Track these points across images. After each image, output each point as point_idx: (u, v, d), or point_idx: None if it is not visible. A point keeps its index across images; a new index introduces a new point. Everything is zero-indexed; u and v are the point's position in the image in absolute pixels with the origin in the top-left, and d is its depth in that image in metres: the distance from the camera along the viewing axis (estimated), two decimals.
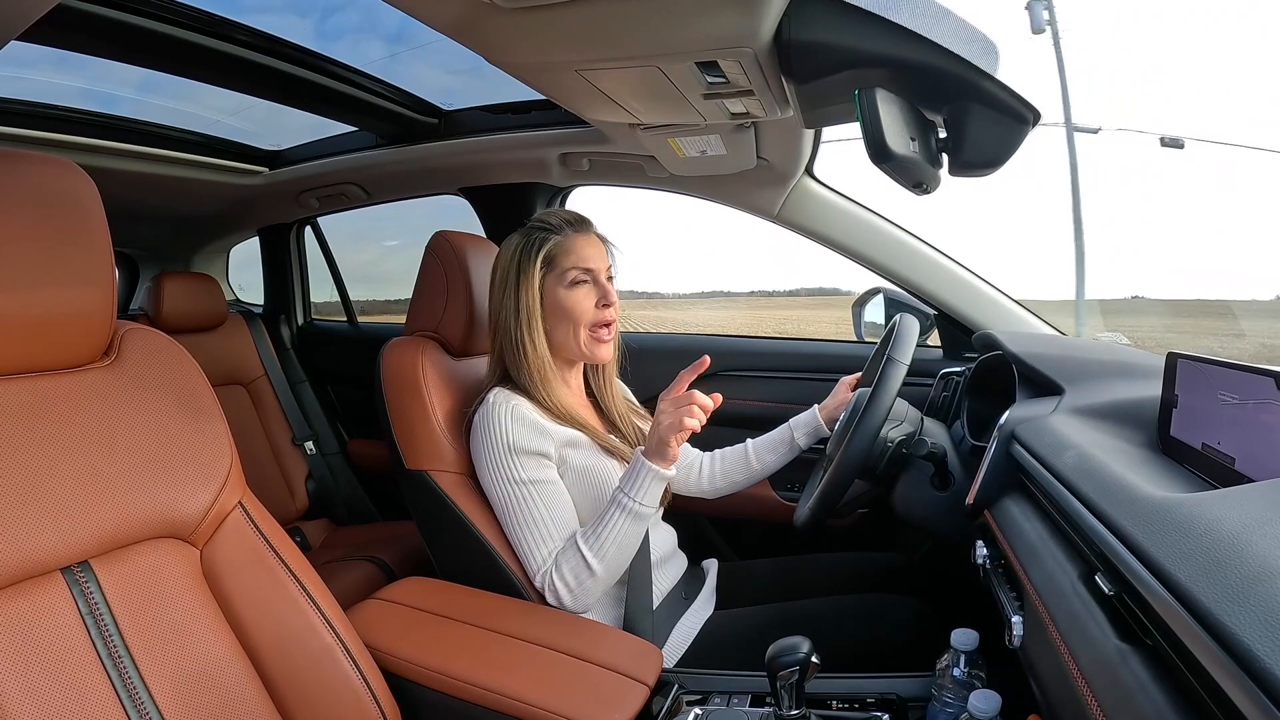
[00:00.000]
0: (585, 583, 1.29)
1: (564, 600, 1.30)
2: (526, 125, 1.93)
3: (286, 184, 2.50)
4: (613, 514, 1.29)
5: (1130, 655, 0.61)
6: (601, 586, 1.30)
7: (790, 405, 1.91)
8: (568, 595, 1.30)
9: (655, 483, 1.29)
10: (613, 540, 1.28)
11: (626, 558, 1.32)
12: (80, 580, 0.84)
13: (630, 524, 1.28)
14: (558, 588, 1.29)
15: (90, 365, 0.93)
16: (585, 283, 1.42)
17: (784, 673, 0.94)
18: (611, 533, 1.28)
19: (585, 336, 1.43)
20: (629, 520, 1.28)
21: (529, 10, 1.01)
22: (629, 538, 1.29)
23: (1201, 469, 0.82)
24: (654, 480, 1.29)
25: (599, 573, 1.28)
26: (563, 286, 1.41)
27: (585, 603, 1.31)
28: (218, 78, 1.70)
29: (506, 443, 1.32)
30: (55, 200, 0.86)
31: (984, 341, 1.62)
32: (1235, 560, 0.50)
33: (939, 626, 1.14)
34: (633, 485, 1.29)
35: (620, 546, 1.29)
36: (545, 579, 1.31)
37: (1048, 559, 0.85)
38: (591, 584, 1.29)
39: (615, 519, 1.28)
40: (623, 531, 1.28)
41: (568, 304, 1.41)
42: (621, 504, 1.29)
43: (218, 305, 2.65)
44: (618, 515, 1.28)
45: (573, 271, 1.41)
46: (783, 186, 1.88)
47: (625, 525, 1.28)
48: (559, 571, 1.30)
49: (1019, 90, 0.97)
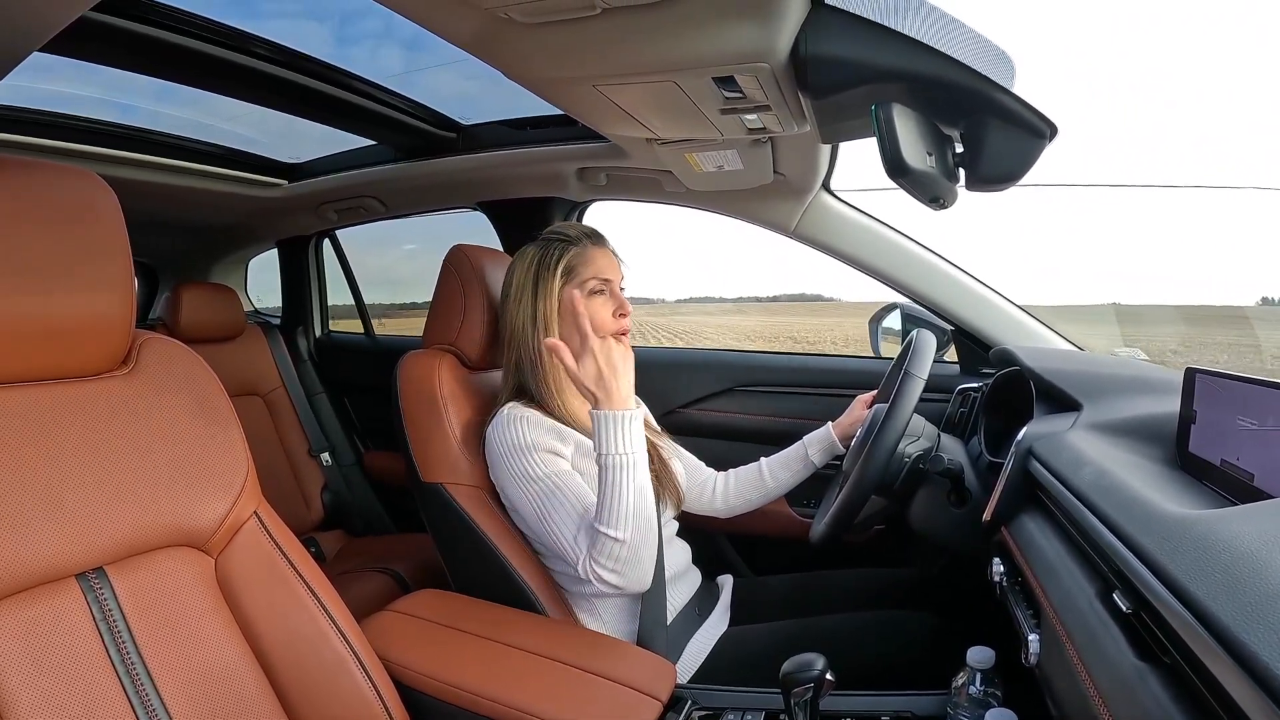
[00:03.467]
0: (622, 556, 1.23)
1: (613, 582, 1.25)
2: (544, 140, 1.94)
3: (305, 196, 2.52)
4: (608, 479, 1.23)
5: (1148, 674, 0.60)
6: (639, 554, 1.25)
7: (805, 420, 1.91)
8: (613, 576, 1.25)
9: (629, 422, 1.23)
10: (623, 502, 1.22)
11: (647, 514, 1.25)
12: (95, 586, 0.84)
13: (629, 478, 1.22)
14: (601, 573, 1.25)
15: (108, 373, 0.94)
16: (603, 293, 1.43)
17: (798, 689, 0.94)
18: (618, 496, 1.22)
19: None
20: (626, 475, 1.22)
21: (547, 25, 1.01)
22: (637, 491, 1.24)
23: (1220, 485, 0.81)
24: (626, 421, 1.23)
25: (627, 539, 1.22)
26: (583, 297, 1.41)
27: (635, 576, 1.26)
28: (237, 90, 1.71)
29: (523, 443, 1.32)
30: (76, 210, 0.87)
31: (1001, 357, 1.61)
32: (1254, 577, 0.50)
33: (955, 644, 1.13)
34: (609, 439, 1.23)
35: (634, 505, 1.23)
36: (586, 568, 1.26)
37: (1065, 576, 0.84)
38: (628, 555, 1.23)
39: (613, 480, 1.22)
40: (626, 488, 1.22)
41: (588, 313, 1.41)
42: (609, 464, 1.23)
43: (236, 316, 2.68)
44: (612, 475, 1.22)
45: (592, 281, 1.43)
46: (800, 201, 1.88)
47: (625, 481, 1.22)
48: (596, 561, 1.25)
49: (1035, 104, 0.97)
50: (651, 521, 1.26)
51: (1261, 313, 6.72)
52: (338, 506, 2.80)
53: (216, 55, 1.48)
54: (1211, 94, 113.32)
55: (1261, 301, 12.62)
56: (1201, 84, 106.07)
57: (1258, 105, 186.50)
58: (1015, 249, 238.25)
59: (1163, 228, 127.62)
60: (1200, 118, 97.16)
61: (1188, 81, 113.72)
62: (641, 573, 1.26)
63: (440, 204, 2.48)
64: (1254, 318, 4.76)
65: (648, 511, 1.25)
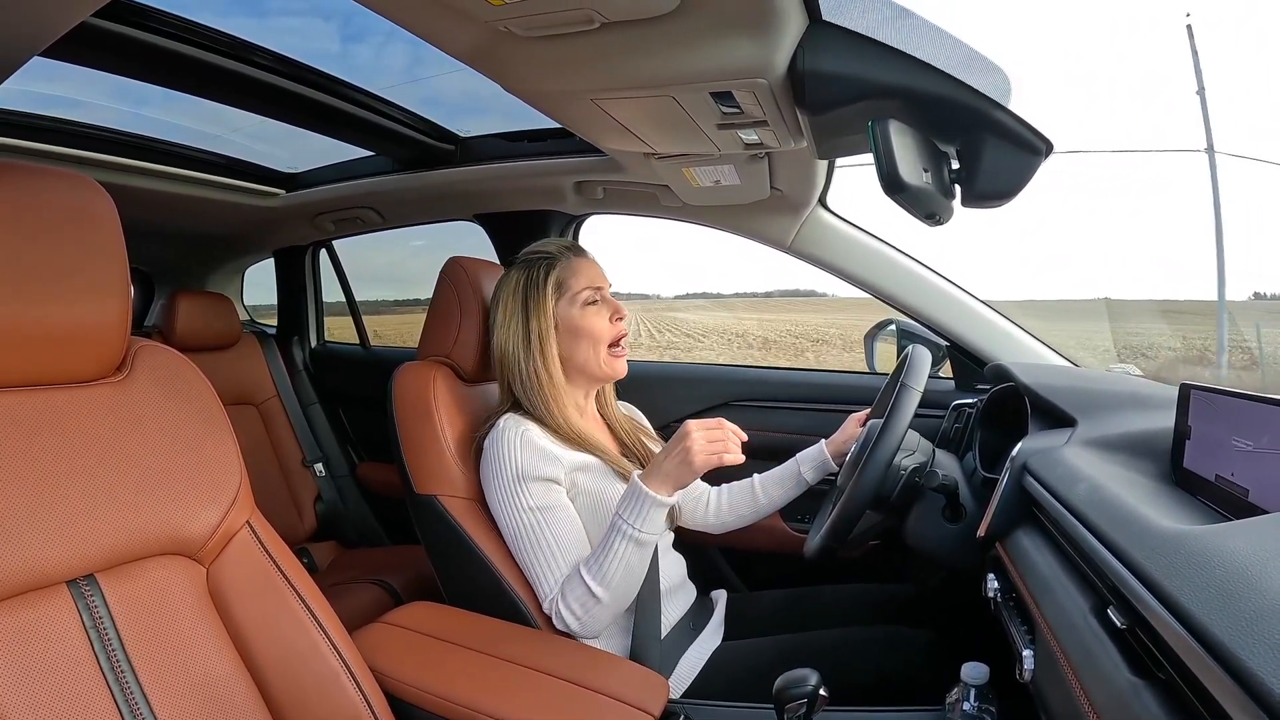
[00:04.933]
0: (592, 610, 1.27)
1: (572, 628, 1.29)
2: (542, 153, 1.95)
3: (302, 206, 2.52)
4: (614, 541, 1.26)
5: (1143, 690, 0.60)
6: (610, 613, 1.29)
7: (800, 435, 1.91)
8: (575, 623, 1.28)
9: (656, 510, 1.25)
10: (616, 568, 1.25)
11: (634, 583, 1.29)
12: (86, 594, 0.84)
13: (633, 551, 1.25)
14: (565, 616, 1.28)
15: (103, 380, 0.94)
16: (596, 302, 1.44)
17: (792, 705, 0.93)
18: (615, 560, 1.25)
19: (605, 354, 1.45)
20: (631, 547, 1.25)
21: (545, 39, 1.02)
22: (634, 564, 1.27)
23: (1215, 500, 0.81)
24: (654, 508, 1.24)
25: (605, 600, 1.26)
26: (576, 308, 1.43)
27: (595, 629, 1.30)
28: (237, 99, 1.72)
29: (515, 471, 1.32)
30: (73, 215, 0.86)
31: (996, 373, 1.62)
32: (1249, 592, 0.50)
33: (950, 659, 1.13)
34: (632, 513, 1.25)
35: (625, 573, 1.26)
36: (553, 606, 1.30)
37: (1060, 592, 0.84)
38: (599, 611, 1.27)
39: (617, 546, 1.25)
40: (626, 559, 1.25)
41: (585, 324, 1.43)
42: (622, 531, 1.25)
43: (232, 325, 2.67)
44: (619, 543, 1.25)
45: (585, 291, 1.44)
46: (796, 217, 1.88)
47: (628, 552, 1.25)
48: (565, 600, 1.28)
49: (1032, 121, 0.98)
50: (631, 596, 1.31)
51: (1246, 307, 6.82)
52: (331, 517, 2.79)
53: (216, 64, 1.48)
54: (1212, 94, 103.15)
55: (1254, 296, 12.73)
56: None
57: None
58: (1013, 246, 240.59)
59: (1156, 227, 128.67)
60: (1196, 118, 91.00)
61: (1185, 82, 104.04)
62: (598, 628, 1.31)
63: (437, 216, 2.48)
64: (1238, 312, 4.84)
65: (634, 587, 1.30)
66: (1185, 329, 8.08)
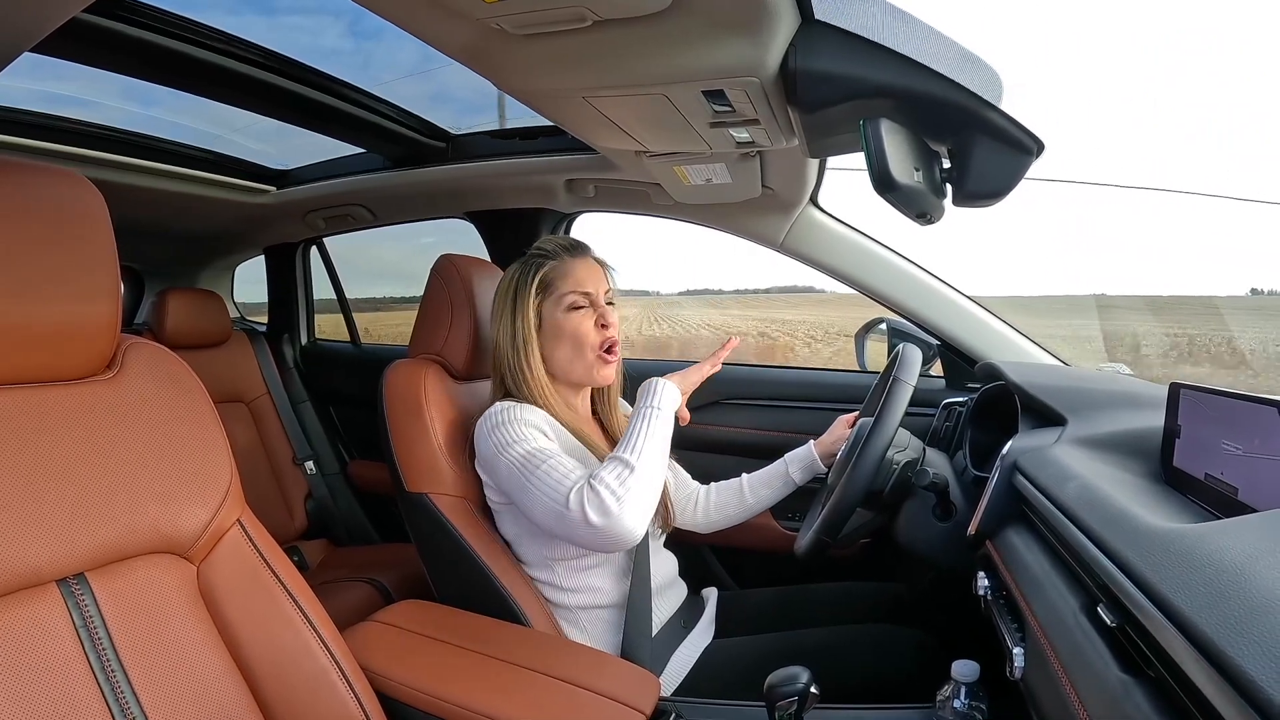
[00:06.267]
0: (627, 480, 1.22)
1: (608, 506, 1.18)
2: (533, 151, 1.95)
3: (293, 204, 2.51)
4: (634, 422, 1.33)
5: (1133, 687, 0.61)
6: (644, 486, 1.23)
7: (791, 434, 1.91)
8: (610, 497, 1.19)
9: (668, 389, 1.37)
10: (643, 437, 1.29)
11: (659, 456, 1.30)
12: (76, 593, 0.83)
13: (655, 422, 1.32)
14: (600, 492, 1.19)
15: (92, 378, 0.93)
16: (583, 307, 1.42)
17: (783, 703, 0.94)
18: (639, 434, 1.30)
19: (591, 359, 1.43)
20: (653, 416, 1.32)
21: (538, 37, 1.02)
22: (657, 432, 1.31)
23: (1204, 499, 0.82)
24: (666, 387, 1.37)
25: (637, 468, 1.24)
26: (560, 311, 1.41)
27: (629, 510, 1.20)
28: (227, 95, 1.71)
29: (510, 418, 1.32)
30: (63, 212, 0.86)
31: (987, 372, 1.62)
32: (1238, 591, 0.50)
33: (940, 657, 1.13)
34: (647, 394, 1.36)
35: (651, 443, 1.29)
36: (581, 494, 1.20)
37: (1050, 590, 0.84)
38: (634, 481, 1.22)
39: (638, 423, 1.32)
40: (650, 428, 1.30)
41: (568, 328, 1.41)
42: (641, 412, 1.34)
43: (222, 322, 2.66)
44: (639, 420, 1.32)
45: (570, 296, 1.42)
46: (787, 215, 1.88)
47: (650, 422, 1.31)
48: (598, 480, 1.21)
49: (1023, 121, 0.98)
50: (655, 474, 1.28)
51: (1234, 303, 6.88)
52: (321, 515, 2.79)
53: (207, 60, 1.48)
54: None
55: (1251, 292, 12.78)
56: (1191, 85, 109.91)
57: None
58: (1008, 241, 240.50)
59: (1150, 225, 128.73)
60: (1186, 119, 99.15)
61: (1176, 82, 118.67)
62: (635, 513, 1.21)
63: (428, 213, 2.47)
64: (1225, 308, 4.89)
65: (659, 462, 1.30)
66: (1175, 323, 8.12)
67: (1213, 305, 6.31)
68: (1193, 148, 59.13)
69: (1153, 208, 37.19)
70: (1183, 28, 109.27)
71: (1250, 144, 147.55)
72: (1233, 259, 22.95)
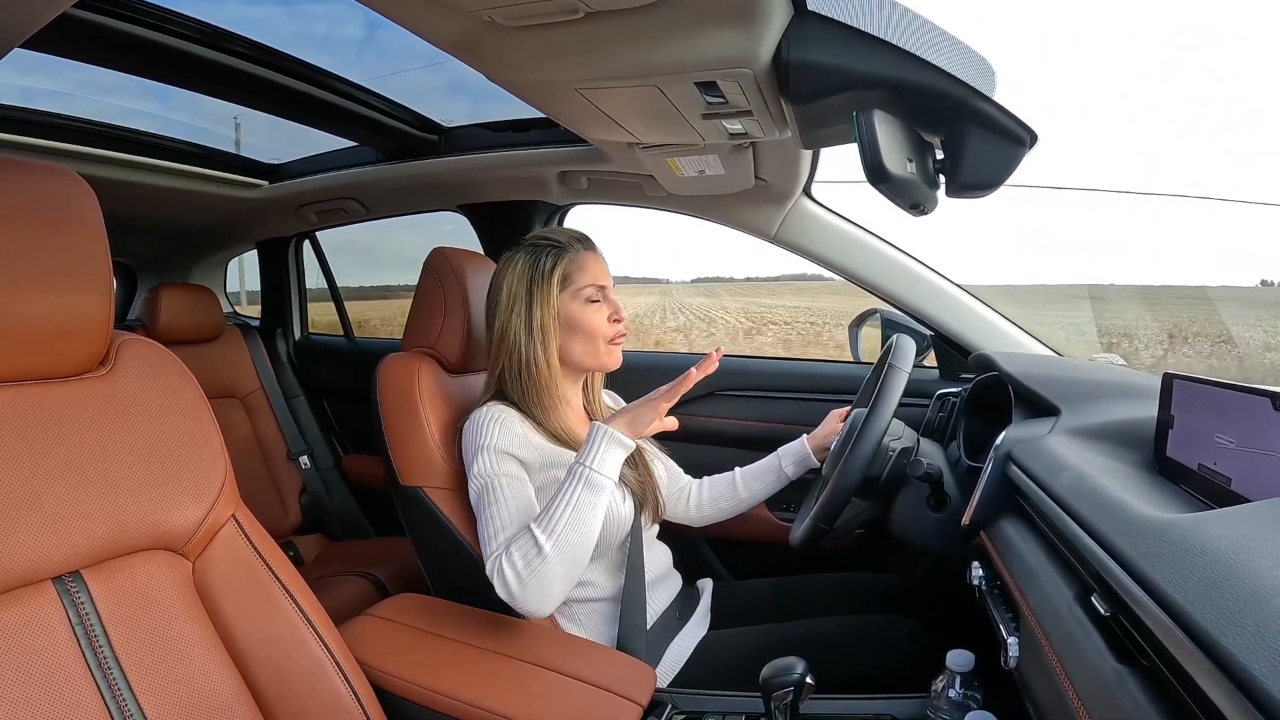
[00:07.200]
0: (533, 563, 1.17)
1: (511, 587, 1.17)
2: (526, 143, 1.94)
3: (285, 198, 2.50)
4: (564, 484, 1.23)
5: (1127, 676, 0.61)
6: (551, 572, 1.18)
7: (785, 425, 1.92)
8: (514, 579, 1.17)
9: (613, 447, 1.24)
10: (565, 514, 1.20)
11: (581, 540, 1.21)
12: (71, 590, 0.83)
13: (584, 493, 1.21)
14: (505, 572, 1.18)
15: (86, 375, 0.93)
16: (599, 300, 1.43)
17: (779, 693, 0.94)
18: (564, 505, 1.20)
19: (604, 348, 1.43)
20: (583, 489, 1.21)
21: (529, 29, 1.01)
22: (583, 510, 1.21)
23: (1198, 489, 0.82)
24: (611, 444, 1.24)
25: (548, 552, 1.17)
26: (579, 304, 1.41)
27: (533, 594, 1.18)
28: (218, 89, 1.70)
29: (486, 442, 1.31)
30: (54, 208, 0.85)
31: (980, 362, 1.62)
32: (1232, 581, 0.50)
33: (935, 647, 1.14)
34: (587, 450, 1.24)
35: (573, 522, 1.20)
36: (495, 564, 1.20)
37: (1044, 580, 0.85)
38: (541, 566, 1.17)
39: (568, 488, 1.22)
40: (575, 501, 1.20)
41: (585, 320, 1.41)
42: (574, 472, 1.23)
43: (215, 317, 2.66)
44: (569, 484, 1.22)
45: (589, 289, 1.41)
46: (780, 207, 1.88)
47: (578, 494, 1.21)
48: (507, 555, 1.19)
49: (1016, 112, 0.98)
50: (577, 558, 1.22)
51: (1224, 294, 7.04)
52: (316, 510, 2.79)
53: (197, 54, 1.47)
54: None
55: (1261, 284, 12.87)
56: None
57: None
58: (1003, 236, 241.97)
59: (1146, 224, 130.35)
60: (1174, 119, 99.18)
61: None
62: (540, 597, 1.19)
63: (421, 206, 2.47)
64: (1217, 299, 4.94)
65: (581, 544, 1.21)
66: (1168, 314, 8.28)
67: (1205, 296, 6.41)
68: (1185, 144, 59.73)
69: (1148, 206, 37.08)
70: (1177, 24, 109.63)
71: (1243, 140, 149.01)
72: (1229, 255, 23.13)
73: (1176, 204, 42.55)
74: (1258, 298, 10.11)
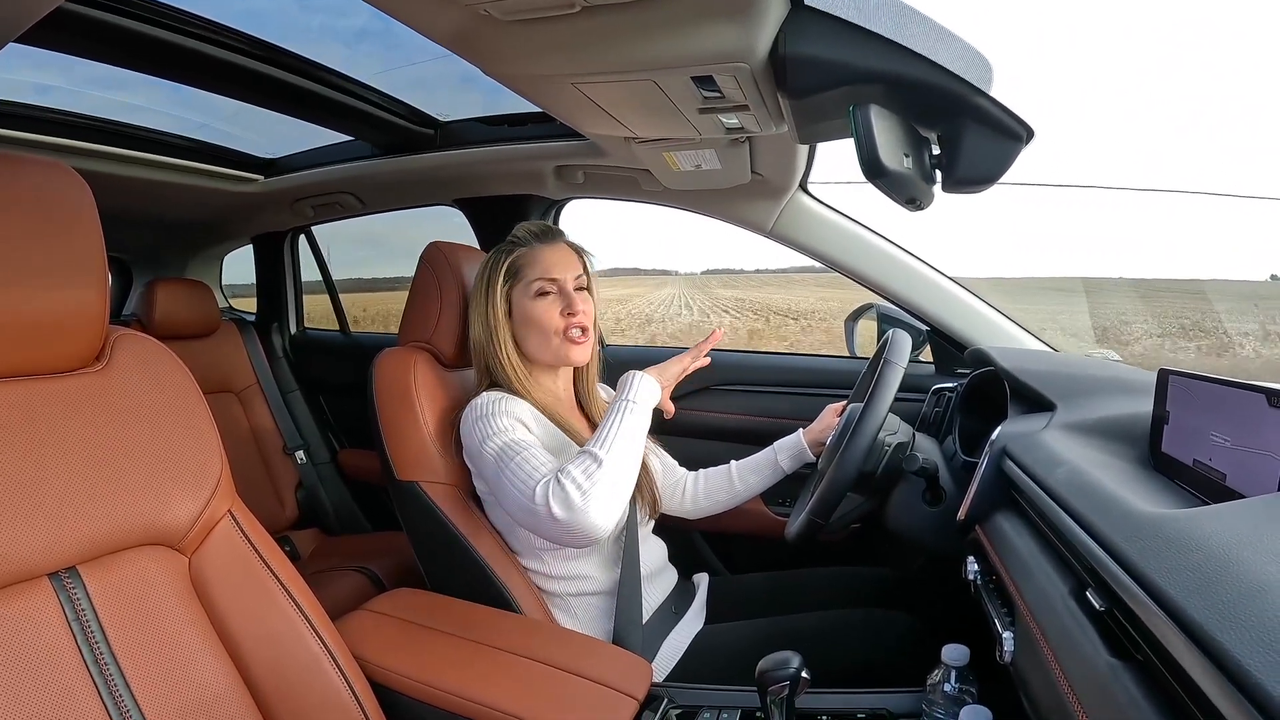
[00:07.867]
0: (594, 474, 1.21)
1: (573, 502, 1.18)
2: (522, 138, 1.94)
3: (281, 192, 2.50)
4: (609, 416, 1.33)
5: (1121, 671, 0.61)
6: (614, 477, 1.23)
7: (781, 419, 1.92)
8: (576, 492, 1.19)
9: (647, 382, 1.38)
10: (615, 432, 1.28)
11: (633, 454, 1.29)
12: (68, 586, 0.83)
13: (629, 417, 1.32)
14: (565, 487, 1.19)
15: (81, 370, 0.93)
16: (550, 293, 1.43)
17: (774, 687, 0.94)
18: (612, 428, 1.29)
19: (557, 342, 1.43)
20: (627, 411, 1.32)
21: (525, 22, 1.01)
22: (630, 429, 1.31)
23: (1193, 485, 0.82)
24: (647, 381, 1.38)
25: (606, 463, 1.23)
26: (528, 298, 1.43)
27: (594, 504, 1.19)
28: (214, 84, 1.70)
29: (494, 412, 1.34)
30: (49, 203, 0.85)
31: (976, 357, 1.63)
32: (1227, 576, 0.50)
33: (930, 642, 1.14)
34: (628, 388, 1.36)
35: (623, 439, 1.28)
36: (546, 490, 1.20)
37: (1039, 575, 0.85)
38: (601, 475, 1.21)
39: (613, 418, 1.32)
40: (623, 423, 1.30)
41: (534, 314, 1.43)
42: (618, 406, 1.34)
43: (211, 312, 2.65)
44: (614, 414, 1.32)
45: (538, 282, 1.43)
46: (777, 201, 1.88)
47: (624, 417, 1.31)
48: (564, 474, 1.21)
49: (1012, 108, 0.98)
50: (626, 474, 1.28)
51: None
52: (312, 505, 2.79)
53: (193, 48, 1.47)
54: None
55: (1271, 278, 12.90)
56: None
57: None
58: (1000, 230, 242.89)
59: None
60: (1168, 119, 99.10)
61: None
62: (601, 508, 1.20)
63: (417, 201, 2.46)
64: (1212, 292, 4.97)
65: (631, 457, 1.29)
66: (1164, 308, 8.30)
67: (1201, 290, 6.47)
68: (1184, 141, 60.02)
69: (1145, 203, 37.21)
70: (1175, 21, 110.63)
71: (1242, 137, 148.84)
72: (1230, 251, 23.22)
73: (1177, 200, 42.03)
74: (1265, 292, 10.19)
